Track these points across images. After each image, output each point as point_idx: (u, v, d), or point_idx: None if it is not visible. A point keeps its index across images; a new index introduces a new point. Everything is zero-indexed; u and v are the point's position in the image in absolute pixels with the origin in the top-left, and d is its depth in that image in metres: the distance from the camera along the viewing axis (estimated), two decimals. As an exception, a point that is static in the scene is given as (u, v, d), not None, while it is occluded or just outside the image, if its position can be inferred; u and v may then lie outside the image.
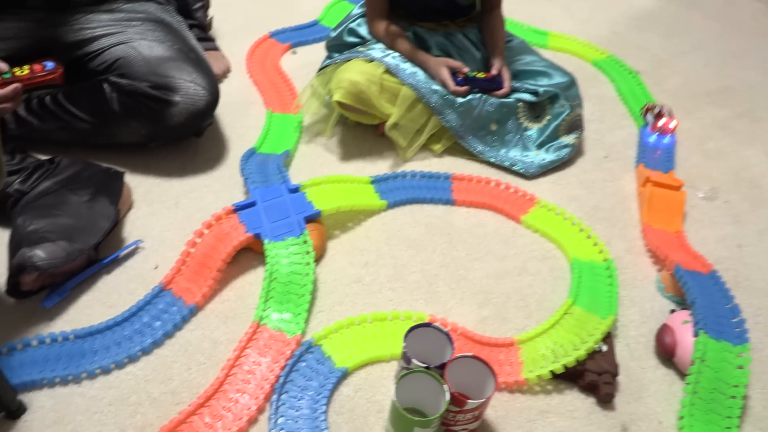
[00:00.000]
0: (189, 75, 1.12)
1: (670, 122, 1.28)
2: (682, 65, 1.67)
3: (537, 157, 1.26)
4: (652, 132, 1.34)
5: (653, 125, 1.33)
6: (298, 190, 1.08)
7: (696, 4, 1.99)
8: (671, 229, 1.15)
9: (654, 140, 1.32)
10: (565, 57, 1.63)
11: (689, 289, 0.98)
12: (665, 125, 1.27)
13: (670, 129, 1.29)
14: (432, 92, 1.21)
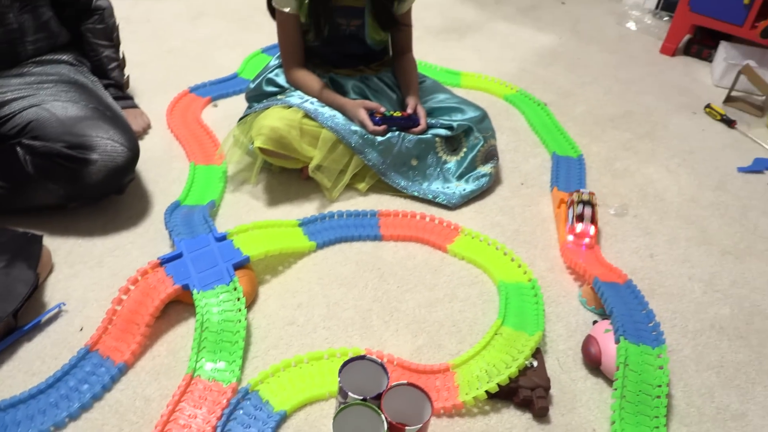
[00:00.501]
0: (106, 132, 1.11)
1: (590, 229, 1.15)
2: (585, 95, 1.80)
3: (458, 188, 1.31)
4: (569, 233, 1.19)
5: (571, 227, 1.18)
6: (225, 238, 1.08)
7: (593, 39, 2.15)
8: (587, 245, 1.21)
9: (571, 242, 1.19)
10: (478, 94, 1.72)
11: (607, 299, 1.04)
12: (582, 231, 1.16)
13: (586, 236, 1.16)
14: (352, 133, 1.25)
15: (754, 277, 1.22)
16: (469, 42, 2.04)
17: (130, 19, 1.92)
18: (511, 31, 2.14)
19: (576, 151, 1.51)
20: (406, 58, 1.40)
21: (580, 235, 1.17)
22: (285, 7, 1.26)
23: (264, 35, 1.83)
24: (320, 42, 1.30)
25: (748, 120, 1.76)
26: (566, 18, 2.30)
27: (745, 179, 1.51)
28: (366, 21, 1.29)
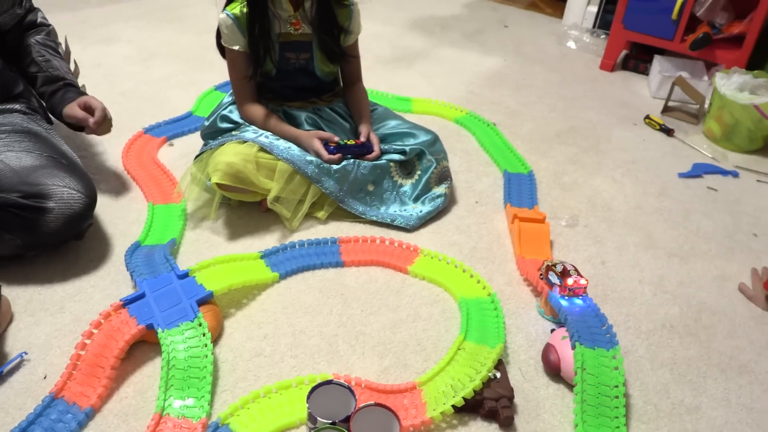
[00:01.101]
0: (62, 180, 1.12)
1: (580, 280, 1.09)
2: (532, 113, 1.87)
3: (414, 210, 1.35)
4: (562, 294, 1.10)
5: (562, 286, 1.10)
6: (188, 275, 1.09)
7: (536, 60, 2.24)
8: (542, 257, 1.26)
9: (567, 305, 1.09)
10: (429, 118, 1.78)
11: (561, 308, 1.08)
12: (576, 284, 1.09)
13: (582, 286, 1.10)
14: (307, 163, 1.28)
15: (699, 276, 1.28)
16: (418, 69, 2.11)
17: (80, 63, 1.92)
18: (458, 56, 2.22)
19: (526, 168, 1.57)
20: (356, 88, 1.44)
21: (575, 288, 1.10)
22: (234, 45, 1.30)
23: (216, 73, 1.86)
24: (271, 77, 1.34)
25: (685, 128, 1.86)
26: (510, 41, 2.39)
27: (685, 184, 1.59)
28: (314, 54, 1.34)
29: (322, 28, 1.31)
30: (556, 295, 1.11)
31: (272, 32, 1.29)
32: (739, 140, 1.75)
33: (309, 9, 1.30)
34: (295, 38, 1.31)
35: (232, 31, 1.28)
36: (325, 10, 1.30)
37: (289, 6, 1.28)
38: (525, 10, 2.77)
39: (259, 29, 1.27)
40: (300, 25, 1.30)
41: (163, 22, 2.30)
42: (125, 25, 2.24)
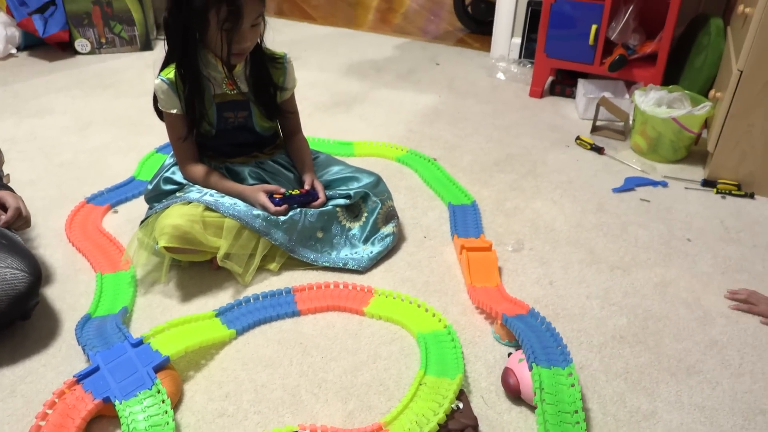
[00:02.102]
0: (3, 261, 1.10)
1: None
2: (469, 145, 1.94)
3: (365, 252, 1.37)
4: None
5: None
6: (142, 342, 1.08)
7: (468, 93, 2.34)
8: (492, 284, 1.30)
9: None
10: (372, 160, 1.82)
11: (516, 330, 1.11)
12: None
13: None
14: (254, 217, 1.30)
15: (642, 284, 1.35)
16: (357, 112, 2.16)
17: (15, 139, 1.90)
18: (394, 96, 2.29)
19: (469, 198, 1.62)
20: (296, 139, 1.47)
21: None
22: (171, 109, 1.31)
23: (156, 136, 1.86)
24: (210, 136, 1.36)
25: (614, 145, 1.96)
26: (442, 77, 2.49)
27: (620, 198, 1.68)
28: (252, 111, 1.37)
29: (257, 87, 1.34)
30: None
31: (208, 94, 1.32)
32: (663, 152, 1.86)
33: (243, 69, 1.34)
34: (231, 98, 1.34)
35: (168, 95, 1.30)
36: (259, 69, 1.34)
37: (222, 68, 1.31)
38: (454, 46, 2.89)
39: (194, 92, 1.29)
40: (234, 85, 1.33)
41: (97, 90, 2.29)
42: (58, 95, 2.23)
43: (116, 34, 2.63)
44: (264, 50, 1.35)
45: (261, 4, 1.24)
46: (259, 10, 1.23)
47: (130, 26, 2.63)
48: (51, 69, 2.48)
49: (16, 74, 2.41)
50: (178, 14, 1.23)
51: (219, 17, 1.19)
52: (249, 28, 1.24)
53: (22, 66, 2.50)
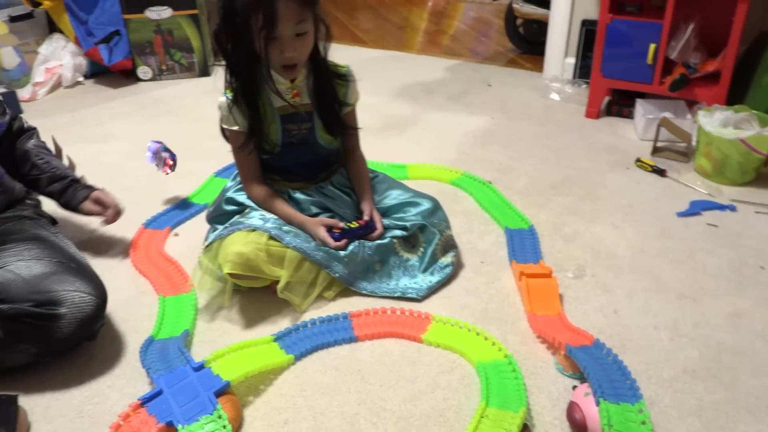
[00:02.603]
0: (72, 285, 1.13)
1: None
2: (524, 167, 1.91)
3: (424, 282, 1.35)
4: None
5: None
6: (203, 366, 1.09)
7: (522, 115, 2.31)
8: (553, 312, 1.26)
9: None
10: (425, 183, 1.81)
11: (581, 363, 1.07)
12: None
13: None
14: (316, 249, 1.30)
15: (713, 315, 1.28)
16: (409, 135, 2.16)
17: (82, 164, 1.96)
18: (446, 119, 2.29)
19: (526, 223, 1.59)
20: (355, 157, 1.46)
21: None
22: (233, 126, 1.33)
23: (215, 160, 1.91)
24: (275, 153, 1.36)
25: (676, 167, 1.90)
26: (494, 99, 2.47)
27: (685, 223, 1.61)
28: (315, 123, 1.37)
29: (319, 99, 1.34)
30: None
31: (270, 107, 1.32)
32: (731, 174, 1.78)
33: (306, 80, 1.34)
34: (294, 110, 1.34)
35: (231, 112, 1.31)
36: (322, 81, 1.33)
37: (285, 79, 1.31)
38: (505, 67, 2.87)
39: (253, 107, 1.30)
40: (300, 95, 1.33)
41: (157, 115, 2.37)
42: (121, 121, 2.32)
43: (176, 61, 2.73)
44: (327, 62, 1.34)
45: (302, 9, 1.19)
46: (299, 15, 1.19)
47: (189, 53, 2.73)
48: (115, 95, 2.58)
49: (83, 101, 2.52)
50: (226, 28, 1.23)
51: (257, 25, 1.18)
52: (293, 37, 1.21)
53: (88, 93, 2.61)
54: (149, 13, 2.62)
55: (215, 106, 1.35)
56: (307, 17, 1.21)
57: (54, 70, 2.63)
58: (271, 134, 1.34)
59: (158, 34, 2.67)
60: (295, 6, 1.18)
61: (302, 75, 1.33)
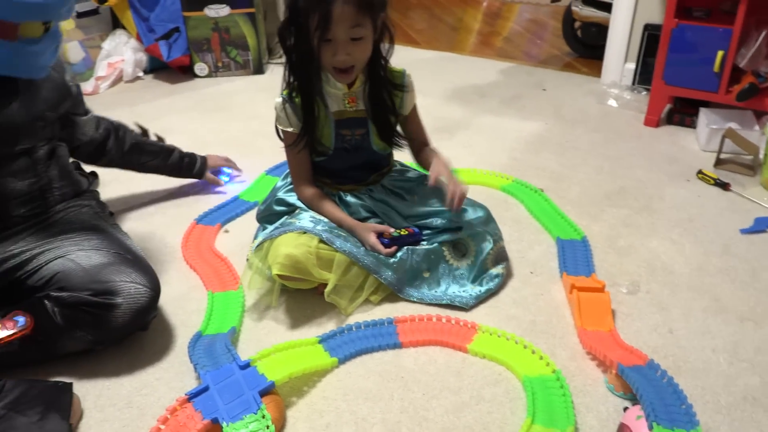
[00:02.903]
0: (128, 276, 1.16)
1: None
2: (578, 176, 1.86)
3: (473, 290, 1.33)
4: None
5: None
6: (249, 365, 1.10)
7: (577, 121, 2.25)
8: (604, 328, 1.22)
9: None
10: (475, 188, 1.78)
11: (634, 384, 1.03)
12: None
13: None
14: (365, 255, 1.30)
15: (777, 340, 1.22)
16: (460, 139, 2.14)
17: (139, 156, 2.03)
18: (498, 123, 2.25)
19: (579, 233, 1.55)
20: (427, 150, 1.44)
21: None
22: (288, 127, 1.34)
23: (266, 158, 1.93)
24: (327, 155, 1.36)
25: (741, 180, 1.81)
26: (549, 104, 2.41)
27: (749, 240, 1.54)
28: (370, 129, 1.36)
29: (374, 106, 1.34)
30: None
31: (325, 111, 1.33)
32: (800, 190, 1.69)
33: (362, 86, 1.34)
34: (350, 115, 1.34)
35: (287, 113, 1.32)
36: (378, 89, 1.33)
37: (342, 84, 1.31)
38: (561, 71, 2.80)
39: (308, 109, 1.30)
40: (356, 101, 1.33)
41: (212, 111, 2.42)
42: (178, 116, 2.37)
43: (231, 59, 2.78)
44: (386, 70, 1.33)
45: (359, 14, 1.18)
46: (355, 20, 1.18)
47: (245, 51, 2.77)
48: (172, 91, 2.65)
49: (142, 96, 2.59)
50: (289, 26, 1.23)
51: (314, 25, 1.18)
52: (346, 41, 1.20)
53: (147, 88, 2.69)
54: (208, 11, 2.68)
55: (269, 104, 1.37)
56: (364, 22, 1.21)
57: (116, 65, 2.72)
58: (324, 138, 1.34)
59: (216, 32, 2.72)
60: (351, 9, 1.17)
61: (360, 81, 1.32)
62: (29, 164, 1.25)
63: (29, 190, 1.26)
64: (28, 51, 1.14)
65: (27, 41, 1.13)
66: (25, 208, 1.26)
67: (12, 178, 1.23)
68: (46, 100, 1.28)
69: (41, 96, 1.27)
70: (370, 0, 1.19)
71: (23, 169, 1.25)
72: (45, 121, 1.28)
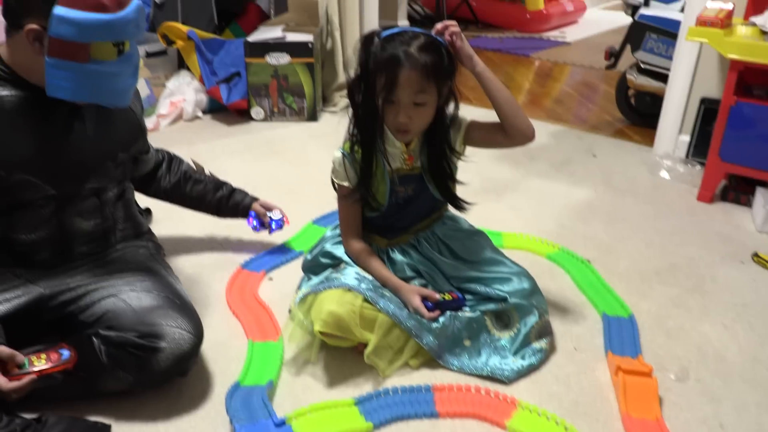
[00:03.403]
0: (174, 321, 1.18)
1: None
2: (627, 249, 1.82)
3: (514, 364, 1.30)
4: None
5: None
6: (285, 423, 1.10)
7: (628, 191, 2.22)
8: (651, 416, 1.18)
9: None
10: (520, 254, 1.77)
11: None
12: None
13: None
14: (408, 317, 1.29)
15: (837, 446, 1.15)
16: (507, 201, 2.13)
17: (192, 196, 2.09)
18: (547, 188, 2.24)
19: (626, 311, 1.51)
20: None
21: None
22: (344, 181, 1.36)
23: (313, 206, 1.96)
24: (379, 211, 1.38)
25: (799, 267, 1.74)
26: (599, 171, 2.39)
27: (808, 333, 1.47)
28: (424, 185, 1.37)
29: (432, 159, 1.34)
30: None
31: (383, 170, 1.34)
32: None
33: (420, 144, 1.34)
34: (405, 172, 1.35)
35: (345, 167, 1.34)
36: (437, 145, 1.33)
37: (402, 144, 1.33)
38: (612, 138, 2.79)
39: (367, 168, 1.32)
40: (413, 159, 1.35)
41: (265, 155, 2.48)
42: (232, 158, 2.44)
43: (287, 105, 2.86)
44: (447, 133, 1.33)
45: (424, 81, 1.21)
46: (419, 86, 1.21)
47: (300, 98, 2.85)
48: (228, 132, 2.74)
49: (200, 135, 2.69)
50: (359, 81, 1.27)
51: (380, 85, 1.22)
52: (409, 105, 1.23)
53: (205, 128, 2.79)
54: (269, 59, 2.78)
55: (320, 151, 1.40)
56: (429, 89, 1.23)
57: (177, 104, 2.83)
58: (379, 195, 1.36)
59: (274, 78, 2.81)
60: (417, 76, 1.21)
61: (418, 140, 1.34)
62: (97, 205, 1.29)
63: (94, 230, 1.30)
64: (101, 72, 1.12)
65: (100, 63, 1.11)
66: (87, 246, 1.30)
67: (79, 218, 1.27)
68: (121, 140, 1.32)
69: (116, 135, 1.30)
70: (437, 69, 1.22)
71: (91, 209, 1.28)
72: (115, 161, 1.31)
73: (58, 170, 1.21)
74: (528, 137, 1.34)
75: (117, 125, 1.31)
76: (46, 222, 1.22)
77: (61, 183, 1.21)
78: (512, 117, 1.30)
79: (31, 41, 1.09)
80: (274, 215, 1.66)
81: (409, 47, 1.21)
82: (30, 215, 1.21)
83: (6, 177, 1.15)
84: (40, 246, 1.24)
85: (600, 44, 4.71)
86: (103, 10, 1.07)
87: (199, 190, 1.62)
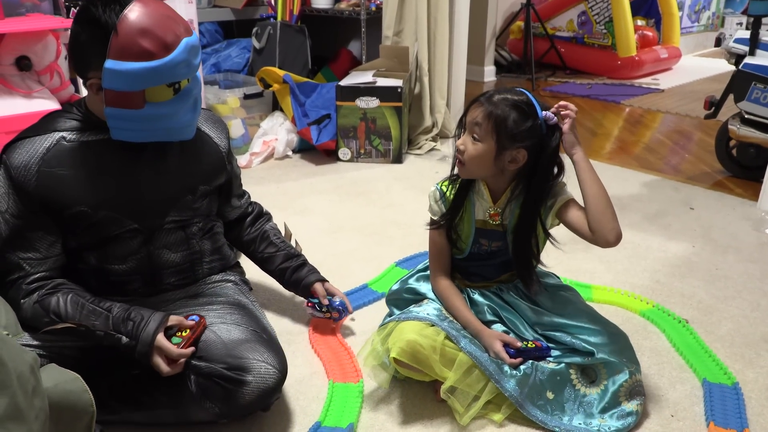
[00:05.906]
0: (261, 355, 1.20)
1: None
2: (730, 310, 1.70)
3: (602, 425, 1.23)
4: None
5: None
6: (364, 469, 1.08)
7: (729, 247, 2.08)
8: (761, 500, 1.07)
9: None
10: (611, 309, 1.69)
11: None
12: None
13: None
14: (490, 361, 1.26)
15: None
16: (597, 252, 2.04)
17: (279, 232, 2.15)
18: (640, 240, 2.14)
19: (730, 378, 1.39)
20: None
21: None
22: (434, 215, 1.37)
23: (396, 249, 1.97)
24: (462, 256, 1.38)
25: None
26: (697, 224, 2.26)
27: None
28: (508, 244, 1.34)
29: (520, 232, 1.32)
30: None
31: (470, 216, 1.34)
32: None
33: (511, 199, 1.30)
34: (490, 227, 1.34)
35: (436, 203, 1.37)
36: (527, 213, 1.30)
37: (489, 198, 1.33)
38: (711, 190, 2.64)
39: (456, 209, 1.33)
40: (498, 217, 1.33)
41: (350, 196, 2.53)
42: (318, 197, 2.51)
43: (374, 147, 2.92)
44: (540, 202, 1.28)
45: (481, 115, 1.22)
46: (476, 117, 1.23)
47: (387, 141, 2.91)
48: (315, 172, 2.82)
49: (288, 173, 2.78)
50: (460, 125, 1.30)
51: None
52: (469, 133, 1.26)
53: (293, 167, 2.89)
54: (359, 102, 2.86)
55: (404, 193, 1.41)
56: (486, 130, 1.23)
57: (269, 143, 2.96)
58: (463, 237, 1.35)
59: (363, 121, 2.89)
60: (481, 111, 1.25)
61: (505, 197, 1.32)
62: (183, 238, 1.34)
63: (182, 261, 1.35)
64: (158, 114, 1.15)
65: (156, 105, 1.14)
66: (176, 277, 1.35)
67: (167, 250, 1.32)
68: (203, 174, 1.35)
69: (198, 168, 1.34)
70: (500, 120, 1.22)
71: (177, 242, 1.33)
72: (195, 195, 1.33)
73: (138, 206, 1.26)
74: (609, 242, 1.22)
75: (201, 159, 1.35)
76: (135, 253, 1.28)
77: (142, 217, 1.27)
78: (599, 214, 1.23)
79: (94, 92, 1.17)
80: (335, 301, 1.53)
81: (497, 93, 1.25)
82: (120, 247, 1.27)
83: (92, 214, 1.22)
84: (132, 276, 1.30)
85: (695, 92, 4.54)
86: (150, 57, 1.10)
87: (269, 253, 1.56)
